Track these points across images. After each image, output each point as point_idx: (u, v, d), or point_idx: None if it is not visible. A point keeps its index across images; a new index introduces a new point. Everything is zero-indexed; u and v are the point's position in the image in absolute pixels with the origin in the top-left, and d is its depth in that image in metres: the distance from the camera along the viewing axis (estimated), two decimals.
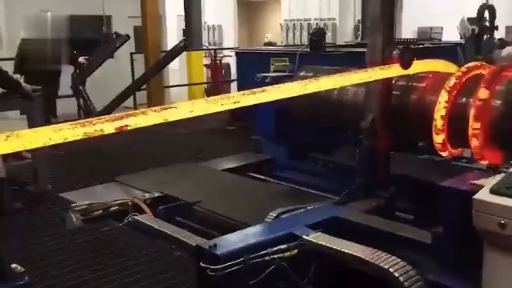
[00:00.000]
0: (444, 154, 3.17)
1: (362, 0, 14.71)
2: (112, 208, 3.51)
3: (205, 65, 12.67)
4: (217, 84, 12.21)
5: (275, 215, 3.12)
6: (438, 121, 3.04)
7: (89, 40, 8.54)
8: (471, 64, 3.23)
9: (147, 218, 3.46)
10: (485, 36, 6.97)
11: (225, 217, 3.44)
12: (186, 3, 12.13)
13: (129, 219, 3.36)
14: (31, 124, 5.32)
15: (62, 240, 4.16)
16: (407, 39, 9.03)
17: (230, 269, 2.47)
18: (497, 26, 6.96)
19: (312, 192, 3.82)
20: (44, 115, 6.58)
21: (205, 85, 12.45)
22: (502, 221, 1.77)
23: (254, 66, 4.31)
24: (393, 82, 3.45)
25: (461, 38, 7.71)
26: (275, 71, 5.80)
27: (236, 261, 2.50)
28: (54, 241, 4.18)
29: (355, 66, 3.36)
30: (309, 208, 3.23)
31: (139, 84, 8.67)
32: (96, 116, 4.88)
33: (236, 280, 2.51)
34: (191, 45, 11.89)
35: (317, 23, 15.17)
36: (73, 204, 3.48)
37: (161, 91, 10.42)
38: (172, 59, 8.77)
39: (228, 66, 12.81)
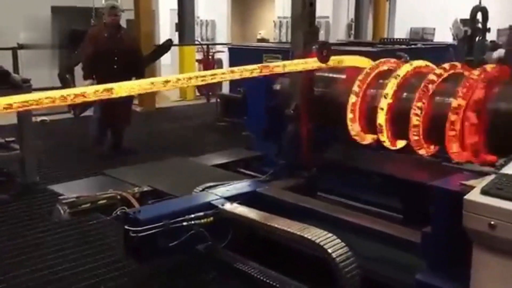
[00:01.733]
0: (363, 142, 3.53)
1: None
2: (101, 202, 3.46)
3: (197, 60, 12.62)
4: None
5: (201, 189, 3.41)
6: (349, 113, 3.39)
7: (78, 31, 8.46)
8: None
9: None
10: (477, 38, 7.00)
11: None
12: None
13: (118, 212, 3.35)
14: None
15: (49, 233, 4.14)
16: (398, 39, 9.03)
17: (149, 232, 2.79)
18: (489, 28, 6.99)
19: None
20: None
21: None
22: (492, 222, 1.76)
23: (246, 62, 4.25)
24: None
25: (453, 39, 7.74)
26: None
27: (156, 224, 2.81)
28: (40, 233, 4.16)
29: None
30: (233, 183, 3.52)
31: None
32: (82, 106, 4.99)
33: (156, 242, 2.85)
34: (183, 40, 11.89)
35: None
36: (61, 197, 3.43)
37: None
38: (155, 59, 8.74)
39: (220, 61, 12.79)
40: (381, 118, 3.23)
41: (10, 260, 3.73)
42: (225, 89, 10.62)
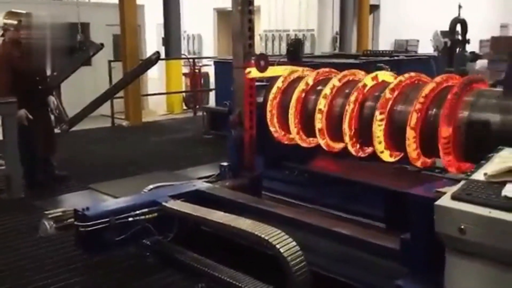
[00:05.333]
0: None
1: (340, 13, 14.95)
2: None
3: (184, 74, 12.68)
4: (195, 93, 12.23)
5: (149, 188, 3.70)
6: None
7: (63, 47, 8.43)
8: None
9: None
10: (457, 49, 7.13)
11: None
12: (165, 12, 12.20)
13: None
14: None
15: (35, 248, 4.14)
16: (381, 51, 9.17)
17: (96, 227, 3.07)
18: (468, 40, 7.13)
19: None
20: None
21: (184, 94, 12.46)
22: (462, 226, 1.83)
23: (232, 75, 4.37)
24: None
25: (434, 50, 7.88)
26: None
27: (102, 220, 3.09)
28: (26, 248, 4.15)
29: None
30: (181, 184, 3.81)
31: (108, 94, 8.59)
32: (67, 122, 5.11)
33: (103, 236, 3.13)
34: (169, 54, 11.95)
35: (295, 34, 15.34)
36: (47, 212, 3.46)
37: (138, 99, 10.40)
38: (142, 72, 8.72)
39: (207, 75, 12.85)
40: (291, 118, 3.83)
41: None
42: (212, 103, 10.70)
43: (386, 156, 3.48)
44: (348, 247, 3.10)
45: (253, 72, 3.98)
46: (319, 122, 3.67)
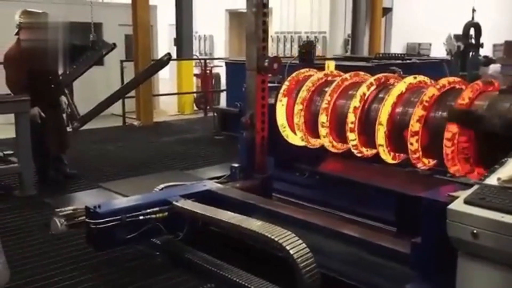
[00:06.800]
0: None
1: (352, 15, 14.90)
2: None
3: (195, 75, 12.71)
4: (206, 93, 12.26)
5: (161, 187, 3.71)
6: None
7: (76, 46, 8.51)
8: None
9: None
10: (470, 53, 7.09)
11: None
12: (177, 12, 12.24)
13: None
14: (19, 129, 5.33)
15: (45, 245, 4.16)
16: (394, 54, 9.12)
17: (107, 224, 3.09)
18: (482, 44, 7.09)
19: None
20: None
21: (195, 95, 12.49)
22: (475, 231, 1.82)
23: (243, 77, 4.38)
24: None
25: (447, 54, 7.84)
26: None
27: (113, 218, 3.11)
28: (37, 245, 4.18)
29: None
30: (192, 184, 3.83)
31: (120, 94, 8.65)
32: (78, 120, 5.13)
33: (114, 234, 3.16)
34: (181, 55, 11.98)
35: (307, 36, 15.32)
36: (58, 209, 3.48)
37: (149, 99, 10.43)
38: (153, 73, 8.76)
39: (218, 76, 12.87)
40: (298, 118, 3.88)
41: None
42: (223, 104, 10.71)
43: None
44: (358, 250, 3.10)
45: None
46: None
